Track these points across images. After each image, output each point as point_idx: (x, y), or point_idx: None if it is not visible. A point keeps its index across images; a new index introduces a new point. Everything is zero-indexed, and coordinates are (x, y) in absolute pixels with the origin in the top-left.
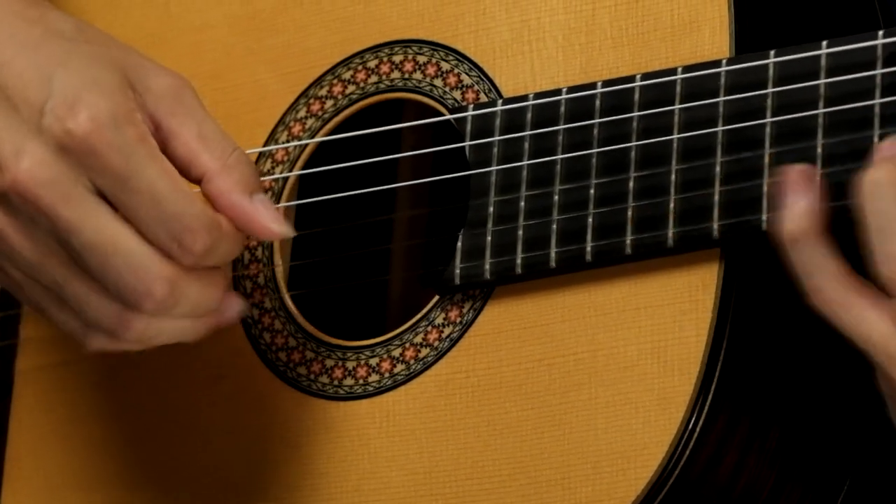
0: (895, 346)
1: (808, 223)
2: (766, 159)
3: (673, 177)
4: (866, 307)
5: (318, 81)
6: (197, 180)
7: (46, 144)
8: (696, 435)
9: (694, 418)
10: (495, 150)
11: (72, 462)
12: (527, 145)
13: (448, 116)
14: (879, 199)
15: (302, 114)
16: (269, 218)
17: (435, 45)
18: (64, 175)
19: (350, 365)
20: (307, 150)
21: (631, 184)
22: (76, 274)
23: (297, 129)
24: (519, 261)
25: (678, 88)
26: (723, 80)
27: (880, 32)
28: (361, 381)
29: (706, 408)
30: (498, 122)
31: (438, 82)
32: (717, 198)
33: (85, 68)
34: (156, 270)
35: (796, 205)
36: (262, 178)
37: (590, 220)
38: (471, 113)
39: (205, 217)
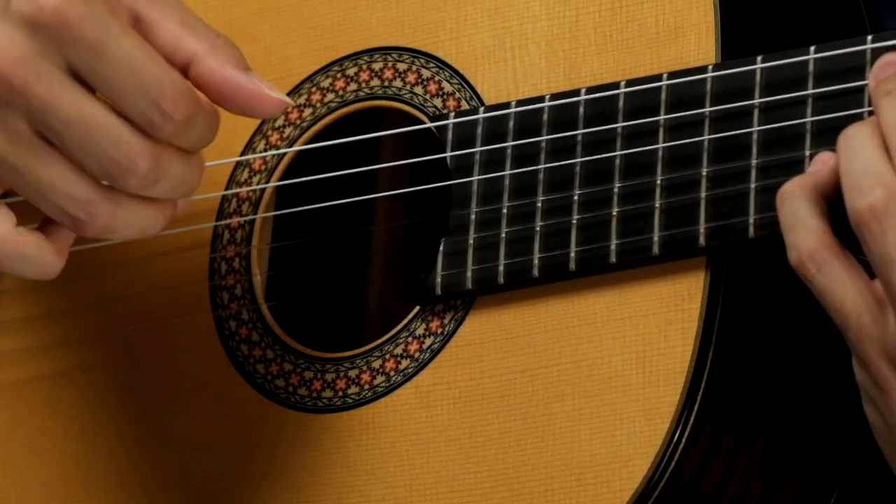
0: (867, 320)
1: (800, 182)
2: (753, 166)
3: (658, 184)
4: (842, 270)
5: (296, 89)
6: (184, 65)
7: (15, 23)
8: (681, 446)
9: (680, 429)
10: (477, 158)
11: (48, 476)
12: (509, 153)
13: (429, 124)
14: (854, 143)
15: (280, 122)
16: (267, 87)
17: (415, 53)
18: (35, 52)
19: (329, 377)
20: (285, 160)
21: (615, 191)
22: (48, 154)
23: (274, 137)
24: (501, 269)
25: (663, 95)
26: (709, 86)
27: (869, 37)
28: (340, 394)
29: (692, 418)
30: (480, 130)
31: (419, 90)
32: (703, 205)
33: None
34: (139, 143)
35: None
36: (239, 190)
37: (573, 228)
38: (452, 121)
39: (183, 84)
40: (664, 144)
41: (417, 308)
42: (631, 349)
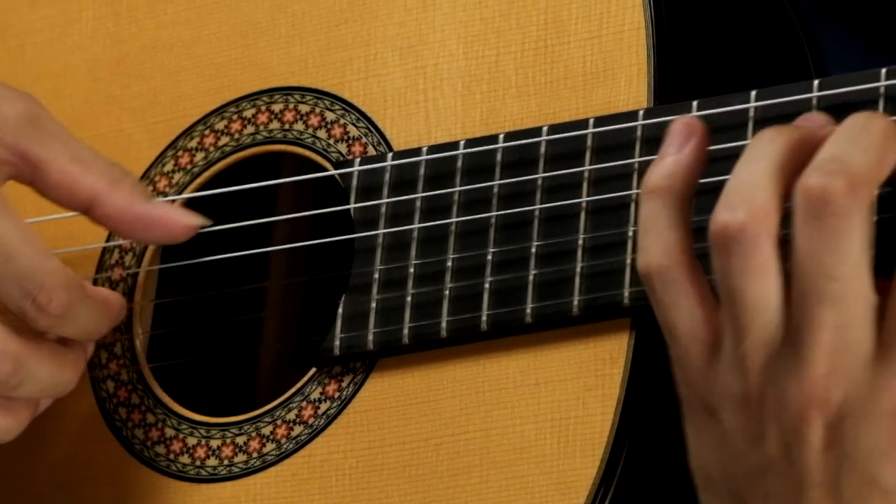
0: (694, 354)
1: (669, 179)
2: None
3: (581, 243)
4: (683, 295)
5: (187, 132)
6: (84, 205)
7: None
8: None
9: None
10: (383, 209)
11: None
12: (419, 204)
13: (332, 171)
14: (756, 149)
15: (169, 167)
16: (181, 213)
17: (319, 93)
18: None
19: (214, 444)
20: None
21: (534, 247)
22: None
23: (162, 184)
24: (406, 330)
25: (589, 142)
26: (639, 132)
27: (815, 82)
28: (226, 462)
29: (610, 493)
30: (387, 178)
31: (322, 134)
32: (629, 262)
33: None
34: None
35: (666, 156)
36: (122, 241)
37: (486, 285)
38: (357, 168)
39: (62, 274)
40: (589, 198)
41: (314, 370)
42: (546, 417)
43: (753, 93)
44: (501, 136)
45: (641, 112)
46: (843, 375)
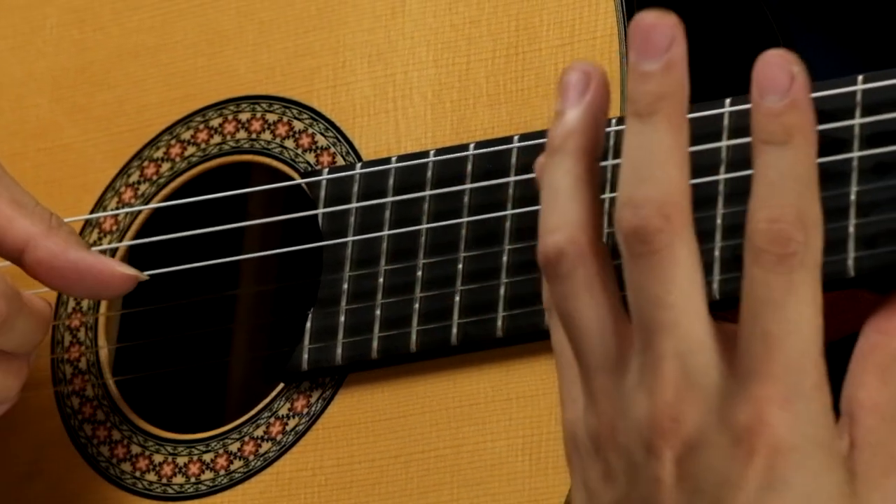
0: (597, 364)
1: (570, 141)
2: None
3: None
4: (585, 287)
5: (153, 142)
6: (17, 247)
7: None
8: None
9: None
10: (352, 218)
11: None
12: (388, 214)
13: (299, 181)
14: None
15: (134, 178)
16: (115, 264)
17: (287, 102)
18: None
19: (181, 461)
20: (139, 219)
21: (505, 258)
22: None
23: (128, 195)
24: (375, 344)
25: None
26: (612, 142)
27: None
28: (193, 480)
29: None
30: (356, 187)
31: (290, 143)
32: None
33: None
34: None
35: (563, 113)
36: None
37: (457, 298)
38: (325, 177)
39: (0, 283)
40: None
41: (282, 385)
42: (517, 433)
43: (728, 100)
44: (472, 146)
45: (614, 121)
46: (689, 405)
